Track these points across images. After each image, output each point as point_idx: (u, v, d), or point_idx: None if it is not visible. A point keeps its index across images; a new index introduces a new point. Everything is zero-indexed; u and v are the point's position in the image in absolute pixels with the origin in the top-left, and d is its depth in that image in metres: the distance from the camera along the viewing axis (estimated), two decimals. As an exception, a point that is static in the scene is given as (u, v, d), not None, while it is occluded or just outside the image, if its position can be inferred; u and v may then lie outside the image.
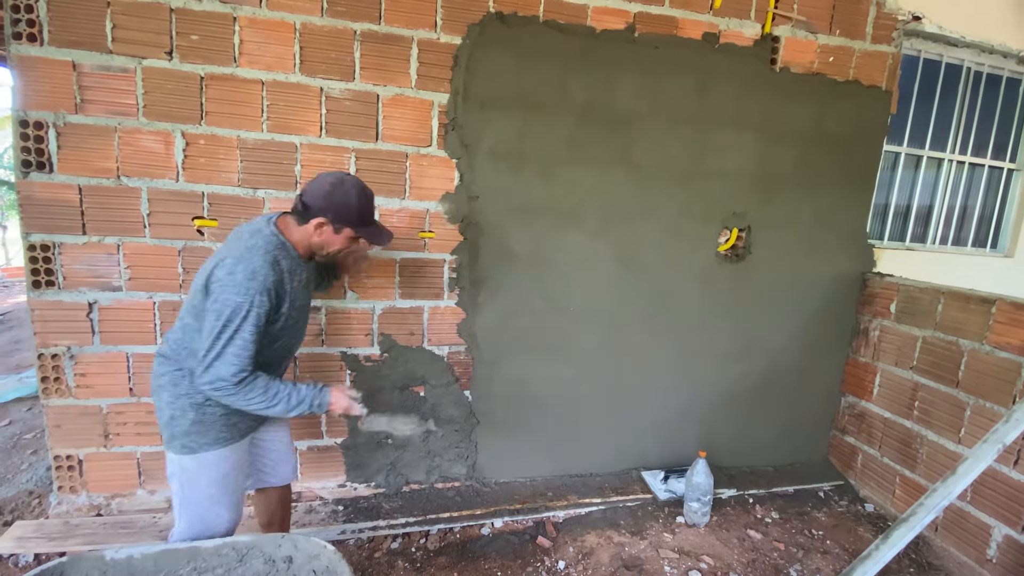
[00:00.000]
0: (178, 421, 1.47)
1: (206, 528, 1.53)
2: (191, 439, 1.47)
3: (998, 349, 2.16)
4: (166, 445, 1.51)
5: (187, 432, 1.47)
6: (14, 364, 4.27)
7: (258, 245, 1.42)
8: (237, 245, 1.44)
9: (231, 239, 1.51)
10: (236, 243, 1.45)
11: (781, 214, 2.71)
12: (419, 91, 2.24)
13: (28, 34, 1.91)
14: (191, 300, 1.47)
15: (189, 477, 1.50)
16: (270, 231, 1.48)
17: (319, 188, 1.49)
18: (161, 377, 1.50)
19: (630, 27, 2.39)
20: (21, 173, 1.97)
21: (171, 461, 1.51)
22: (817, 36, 2.62)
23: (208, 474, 1.51)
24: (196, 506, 1.52)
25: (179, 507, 1.53)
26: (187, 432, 1.47)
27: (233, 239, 1.50)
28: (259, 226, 1.49)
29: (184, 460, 1.49)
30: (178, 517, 1.55)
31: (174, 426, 1.48)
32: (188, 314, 1.48)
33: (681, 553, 2.23)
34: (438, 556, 2.13)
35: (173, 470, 1.52)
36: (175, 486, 1.53)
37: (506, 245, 2.43)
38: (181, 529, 1.54)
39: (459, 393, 2.51)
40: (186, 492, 1.51)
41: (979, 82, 3.14)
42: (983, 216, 3.40)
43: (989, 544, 2.13)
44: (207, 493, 1.52)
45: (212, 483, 1.52)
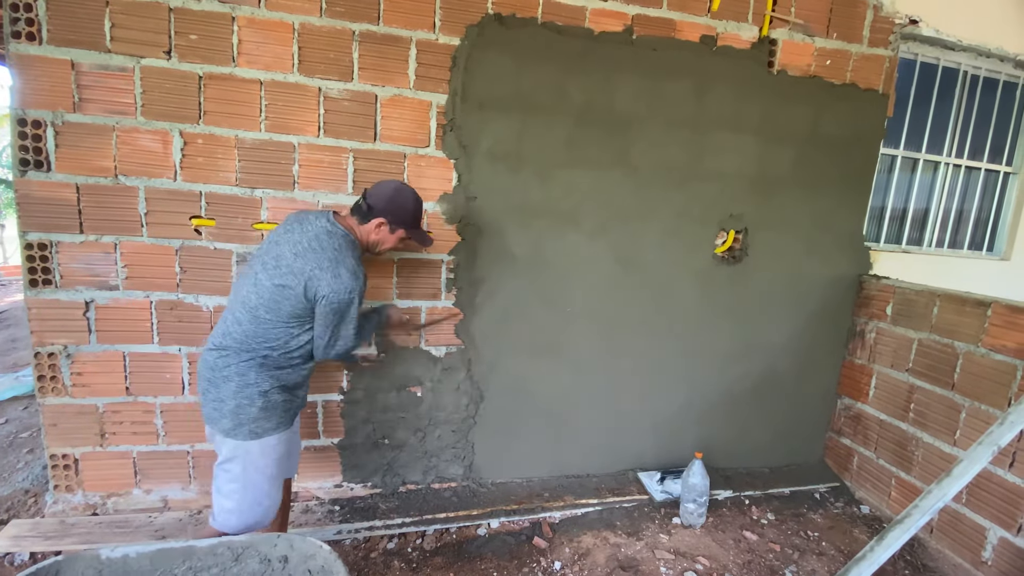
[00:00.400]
0: (246, 410, 1.57)
1: (259, 506, 1.65)
2: (258, 425, 1.59)
3: (993, 352, 2.17)
4: (228, 434, 1.59)
5: (255, 419, 1.58)
6: (11, 363, 4.26)
7: (344, 247, 1.64)
8: (323, 252, 1.60)
9: (311, 246, 1.62)
10: (319, 251, 1.60)
11: (778, 216, 2.72)
12: (417, 92, 2.24)
13: (27, 33, 1.91)
14: (265, 296, 1.59)
15: (252, 460, 1.61)
16: (343, 232, 1.68)
17: (382, 192, 1.72)
18: (225, 369, 1.58)
19: (628, 29, 2.40)
20: (19, 172, 1.97)
21: (234, 448, 1.60)
22: (814, 39, 2.63)
23: (270, 456, 1.64)
24: (255, 488, 1.63)
25: (237, 489, 1.62)
26: (255, 419, 1.58)
27: (314, 246, 1.62)
28: (330, 228, 1.66)
29: (250, 445, 1.60)
30: (230, 497, 1.62)
31: (241, 414, 1.57)
32: (262, 308, 1.59)
33: (677, 554, 2.23)
34: (434, 556, 2.13)
35: (235, 455, 1.61)
36: (236, 469, 1.61)
37: (504, 246, 2.43)
38: (231, 507, 1.62)
39: (456, 393, 2.51)
40: (248, 475, 1.62)
41: (976, 85, 3.15)
42: (979, 219, 3.41)
43: (984, 546, 2.13)
44: (267, 474, 1.65)
45: (273, 464, 1.65)
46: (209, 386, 1.60)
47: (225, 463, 1.63)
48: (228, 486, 1.63)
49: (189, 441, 2.27)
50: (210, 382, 1.60)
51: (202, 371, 1.64)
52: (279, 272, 1.59)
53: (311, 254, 1.60)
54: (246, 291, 1.63)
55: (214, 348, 1.63)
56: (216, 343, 1.63)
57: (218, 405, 1.59)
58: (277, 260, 1.61)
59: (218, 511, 1.65)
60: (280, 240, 1.67)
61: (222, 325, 1.66)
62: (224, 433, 1.60)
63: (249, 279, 1.64)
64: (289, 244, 1.63)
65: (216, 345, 1.63)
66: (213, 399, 1.60)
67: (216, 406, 1.59)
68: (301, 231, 1.66)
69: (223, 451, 1.63)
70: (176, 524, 2.17)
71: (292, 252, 1.61)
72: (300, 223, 1.69)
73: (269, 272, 1.60)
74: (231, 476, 1.62)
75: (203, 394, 1.63)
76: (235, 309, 1.64)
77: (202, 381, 1.63)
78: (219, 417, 1.59)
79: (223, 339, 1.62)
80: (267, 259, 1.63)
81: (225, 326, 1.65)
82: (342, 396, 2.38)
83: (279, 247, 1.64)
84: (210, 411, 1.61)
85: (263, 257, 1.65)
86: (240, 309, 1.62)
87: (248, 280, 1.65)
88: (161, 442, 2.25)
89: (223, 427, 1.59)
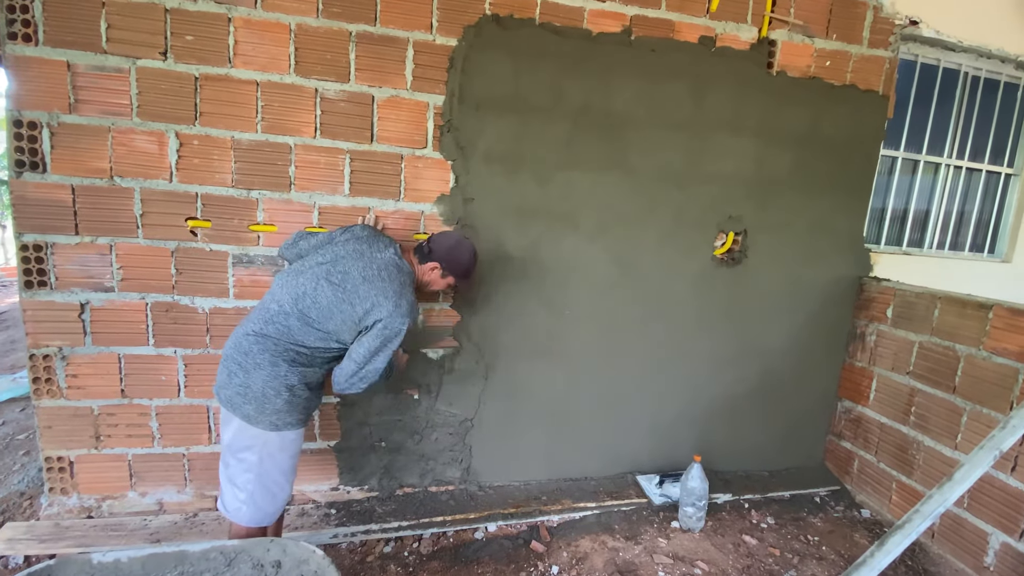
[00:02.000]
0: (271, 400, 1.61)
1: (272, 499, 1.69)
2: (279, 417, 1.62)
3: (995, 355, 2.15)
4: (249, 420, 1.61)
5: (278, 411, 1.62)
6: (9, 364, 4.26)
7: (407, 283, 1.78)
8: (390, 283, 1.71)
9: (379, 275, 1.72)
10: (387, 281, 1.71)
11: (777, 218, 2.71)
12: (415, 93, 2.23)
13: (23, 34, 1.90)
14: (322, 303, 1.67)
15: (270, 452, 1.65)
16: (407, 267, 1.83)
17: (445, 242, 1.91)
18: (260, 356, 1.63)
19: (626, 30, 2.39)
20: (14, 173, 1.97)
21: (253, 437, 1.63)
22: (814, 40, 2.62)
23: (287, 451, 1.68)
24: (270, 479, 1.67)
25: (252, 480, 1.65)
26: (278, 411, 1.62)
27: (383, 276, 1.72)
28: (398, 262, 1.80)
29: (269, 435, 1.63)
30: (244, 488, 1.65)
31: (266, 404, 1.61)
32: (315, 311, 1.67)
33: (676, 558, 2.21)
34: (431, 560, 2.11)
35: (252, 443, 1.63)
36: (252, 459, 1.64)
37: (502, 247, 2.42)
38: (244, 498, 1.65)
39: (454, 396, 2.50)
40: (264, 465, 1.65)
41: (976, 86, 3.14)
42: (980, 221, 3.39)
43: (986, 551, 2.11)
44: (283, 468, 1.69)
45: (289, 458, 1.70)
46: (238, 369, 1.62)
47: (241, 452, 1.65)
48: (242, 476, 1.65)
49: (184, 444, 2.26)
50: (240, 366, 1.63)
51: (232, 354, 1.65)
52: (344, 289, 1.69)
53: (379, 282, 1.70)
54: (302, 290, 1.69)
55: (252, 334, 1.66)
56: (255, 329, 1.66)
57: (243, 391, 1.61)
58: (344, 276, 1.70)
59: (230, 501, 1.68)
60: (348, 256, 1.76)
61: (263, 312, 1.69)
62: (245, 419, 1.62)
63: (308, 280, 1.71)
64: (358, 266, 1.72)
65: (255, 331, 1.66)
66: (240, 384, 1.61)
67: (241, 391, 1.61)
68: (371, 256, 1.76)
69: (241, 439, 1.64)
70: (171, 527, 2.16)
71: (361, 275, 1.71)
72: (370, 246, 1.80)
73: (334, 285, 1.69)
74: (246, 466, 1.64)
75: (229, 376, 1.64)
76: (283, 301, 1.69)
77: (230, 363, 1.64)
78: (242, 403, 1.61)
79: (264, 326, 1.66)
80: (333, 271, 1.72)
81: (268, 314, 1.68)
82: (339, 399, 2.37)
83: (346, 263, 1.73)
84: (232, 395, 1.62)
85: (328, 266, 1.73)
86: (290, 304, 1.68)
87: (307, 280, 1.71)
88: (156, 445, 2.24)
89: (244, 412, 1.61)
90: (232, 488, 1.67)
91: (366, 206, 2.26)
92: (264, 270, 2.20)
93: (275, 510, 1.72)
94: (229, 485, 1.67)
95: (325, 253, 1.79)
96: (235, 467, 1.66)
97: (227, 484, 1.68)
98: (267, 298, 1.75)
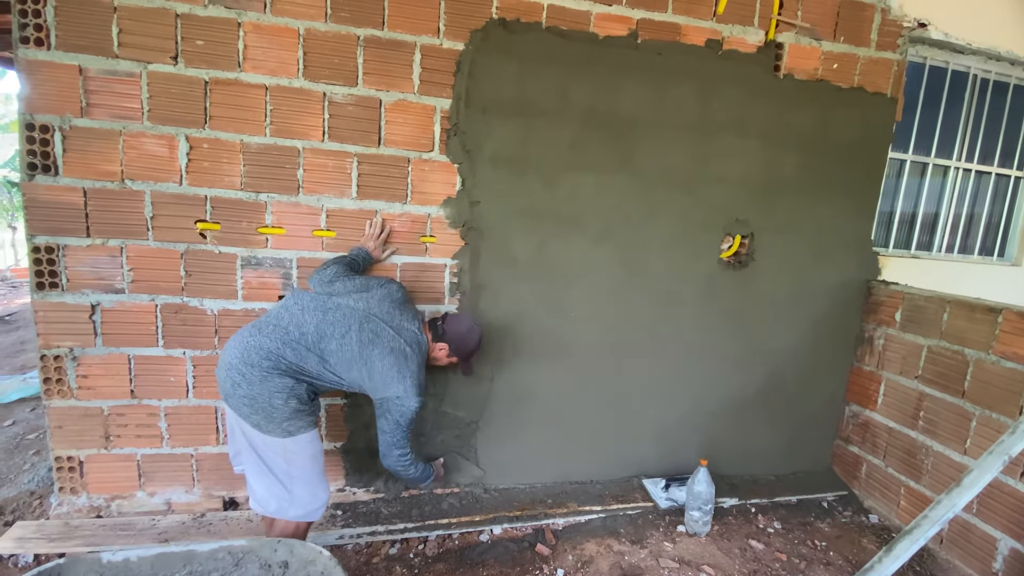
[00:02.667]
0: (279, 410, 1.66)
1: (316, 498, 1.77)
2: (289, 423, 1.68)
3: (1004, 359, 2.13)
4: (260, 429, 1.67)
5: (287, 419, 1.67)
6: (19, 365, 4.30)
7: (423, 361, 1.91)
8: (408, 364, 1.81)
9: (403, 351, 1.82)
10: (406, 360, 1.81)
11: (785, 221, 2.70)
12: (422, 96, 2.24)
13: (35, 38, 1.93)
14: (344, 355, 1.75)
15: (292, 456, 1.72)
16: (425, 343, 1.94)
17: (458, 328, 2.01)
18: (268, 372, 1.66)
19: (633, 34, 2.40)
20: (27, 175, 1.99)
21: (271, 444, 1.69)
22: (821, 43, 2.61)
23: (308, 451, 1.74)
24: (305, 480, 1.75)
25: (288, 479, 1.72)
26: (287, 419, 1.67)
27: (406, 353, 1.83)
28: (420, 339, 1.90)
29: (286, 443, 1.69)
30: (288, 487, 1.73)
31: (274, 413, 1.66)
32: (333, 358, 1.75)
33: (682, 563, 2.20)
34: (436, 562, 2.11)
35: (275, 451, 1.70)
36: (281, 465, 1.71)
37: (508, 250, 2.43)
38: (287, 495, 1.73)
39: (460, 399, 2.50)
40: (292, 468, 1.72)
41: (986, 89, 3.12)
42: (990, 224, 3.37)
43: (995, 557, 2.09)
44: (310, 468, 1.76)
45: (312, 459, 1.76)
46: (242, 380, 1.65)
47: (268, 455, 1.70)
48: (278, 477, 1.71)
49: (193, 444, 2.28)
50: (244, 377, 1.65)
51: (238, 365, 1.67)
52: (372, 352, 1.77)
53: (402, 357, 1.81)
54: (330, 331, 1.76)
55: (264, 349, 1.68)
56: (269, 347, 1.69)
57: (250, 401, 1.65)
58: (374, 338, 1.79)
59: (267, 502, 1.73)
60: (381, 316, 1.84)
61: (281, 332, 1.73)
62: (256, 427, 1.67)
63: (338, 324, 1.78)
64: (390, 333, 1.82)
65: (269, 349, 1.69)
66: (244, 395, 1.65)
67: (247, 401, 1.65)
68: (400, 326, 1.86)
69: (258, 444, 1.70)
70: (179, 527, 2.18)
71: (390, 346, 1.80)
72: (401, 313, 1.90)
73: (364, 343, 1.77)
74: (280, 469, 1.71)
75: (234, 387, 1.66)
76: (307, 332, 1.74)
77: (234, 373, 1.67)
78: (250, 412, 1.65)
79: (281, 348, 1.70)
80: (365, 327, 1.80)
81: (287, 336, 1.72)
82: (345, 400, 2.38)
83: (378, 325, 1.82)
84: (239, 404, 1.66)
85: (361, 319, 1.81)
86: (313, 339, 1.74)
87: (337, 323, 1.78)
88: (165, 445, 2.26)
89: (255, 421, 1.66)
90: (272, 487, 1.72)
91: (373, 209, 2.27)
92: (272, 272, 2.22)
93: (320, 506, 1.79)
94: (271, 484, 1.72)
95: (359, 300, 1.86)
96: (265, 468, 1.71)
97: (261, 486, 1.73)
98: (284, 316, 1.77)
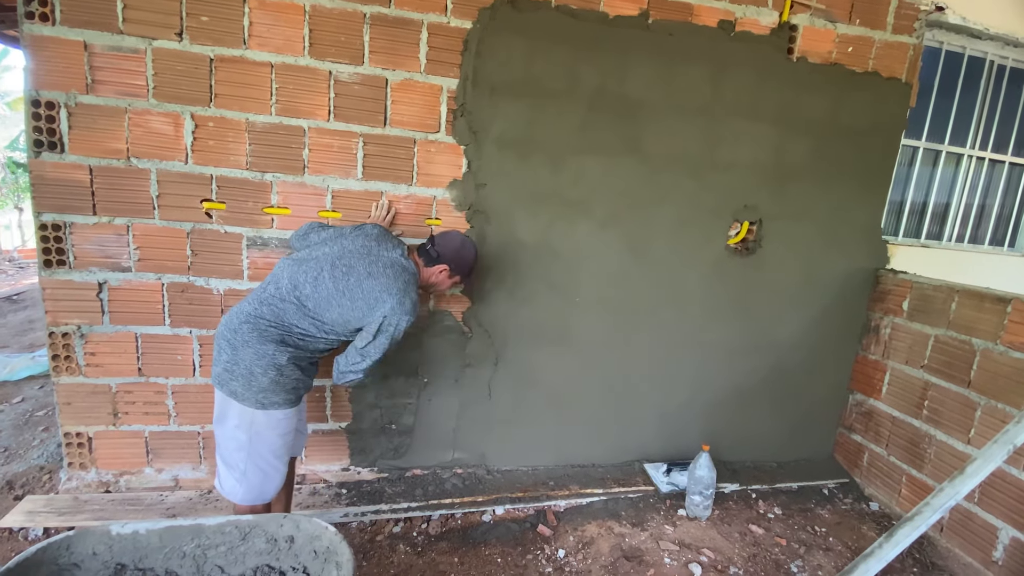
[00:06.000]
0: (258, 378, 1.62)
1: (266, 479, 1.70)
2: (265, 396, 1.63)
3: (1012, 349, 2.12)
4: (236, 397, 1.62)
5: (264, 389, 1.62)
6: (28, 343, 4.34)
7: (412, 282, 1.79)
8: (396, 281, 1.72)
9: (386, 272, 1.73)
10: (393, 278, 1.72)
11: (793, 208, 2.67)
12: (428, 76, 2.22)
13: (40, 14, 1.91)
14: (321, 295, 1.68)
15: (258, 431, 1.65)
16: (413, 268, 1.83)
17: (450, 244, 1.93)
18: (249, 335, 1.63)
19: (644, 13, 2.35)
20: (33, 152, 1.99)
21: (240, 413, 1.64)
22: (836, 25, 2.55)
23: (276, 429, 1.68)
24: (260, 458, 1.68)
25: (243, 459, 1.67)
26: (264, 389, 1.62)
27: (389, 273, 1.73)
28: (404, 263, 1.80)
29: (256, 415, 1.64)
30: (235, 467, 1.68)
31: (252, 381, 1.61)
32: (311, 302, 1.68)
33: (682, 545, 2.23)
34: (439, 541, 2.14)
35: (240, 422, 1.65)
36: (242, 438, 1.65)
37: (513, 233, 2.42)
38: (237, 476, 1.68)
39: (463, 381, 2.51)
40: (253, 444, 1.66)
41: (1003, 76, 3.05)
42: (1002, 214, 3.32)
43: (995, 546, 2.10)
44: (272, 447, 1.69)
45: (278, 437, 1.69)
46: (226, 346, 1.65)
47: (233, 429, 1.66)
48: (234, 455, 1.67)
49: (199, 422, 2.30)
50: (228, 342, 1.65)
51: (223, 332, 1.67)
52: (346, 282, 1.69)
53: (384, 278, 1.71)
54: (303, 277, 1.70)
55: (244, 313, 1.67)
56: (249, 309, 1.68)
57: (231, 367, 1.63)
58: (348, 270, 1.71)
59: (224, 480, 1.71)
60: (355, 251, 1.76)
61: (260, 294, 1.71)
62: (233, 395, 1.63)
63: (310, 269, 1.71)
64: (364, 263, 1.73)
65: (249, 313, 1.67)
66: (227, 360, 1.64)
67: (229, 367, 1.63)
68: (377, 254, 1.77)
69: (230, 415, 1.66)
70: (186, 503, 2.21)
71: (366, 271, 1.71)
72: (378, 244, 1.81)
73: (336, 278, 1.69)
74: (238, 444, 1.66)
75: (218, 353, 1.66)
76: (281, 285, 1.70)
77: (220, 340, 1.67)
78: (229, 379, 1.63)
79: (259, 307, 1.68)
80: (338, 263, 1.72)
81: (264, 295, 1.70)
82: (350, 381, 2.39)
83: (352, 258, 1.73)
84: (221, 371, 1.65)
85: (334, 258, 1.73)
86: (288, 289, 1.69)
87: (309, 269, 1.72)
88: (172, 422, 2.28)
89: (232, 389, 1.63)
90: (225, 467, 1.70)
91: (379, 190, 2.26)
92: (278, 252, 2.22)
93: (269, 489, 1.73)
94: (223, 464, 1.70)
95: (333, 245, 1.80)
96: (227, 445, 1.68)
97: (221, 463, 1.71)
98: (267, 280, 1.76)
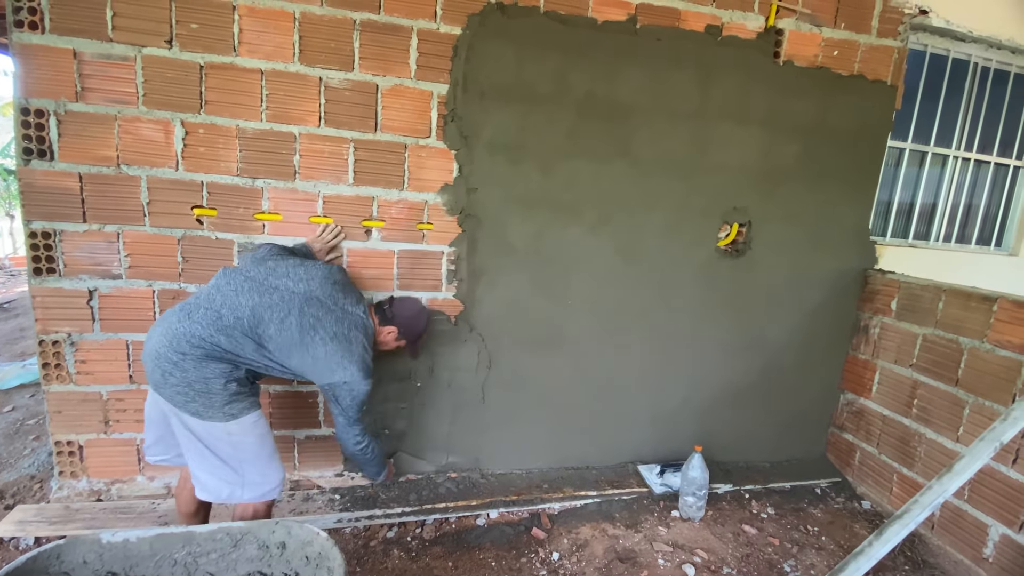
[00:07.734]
0: (218, 394, 1.61)
1: (268, 479, 1.72)
2: (230, 407, 1.63)
3: (998, 347, 2.14)
4: (203, 417, 1.60)
5: (227, 402, 1.62)
6: (18, 351, 4.31)
7: (369, 344, 1.86)
8: (353, 349, 1.76)
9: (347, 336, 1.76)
10: (352, 344, 1.76)
11: (782, 209, 2.70)
12: (418, 82, 2.23)
13: (30, 22, 1.91)
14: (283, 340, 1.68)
15: (238, 440, 1.66)
16: (372, 327, 1.90)
17: (406, 311, 2.04)
18: (200, 360, 1.59)
19: (632, 19, 2.38)
20: (22, 160, 1.98)
21: (212, 430, 1.63)
22: (822, 29, 2.59)
23: (254, 432, 1.69)
24: (254, 462, 1.69)
25: (237, 463, 1.67)
26: (227, 402, 1.62)
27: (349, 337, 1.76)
28: (365, 322, 1.86)
29: (230, 426, 1.63)
30: (238, 471, 1.67)
31: (212, 398, 1.60)
32: (272, 344, 1.68)
33: (675, 546, 2.23)
34: (433, 546, 2.14)
35: (218, 437, 1.64)
36: (226, 450, 1.65)
37: (505, 238, 2.43)
38: (239, 482, 1.68)
39: (456, 385, 2.52)
40: (239, 452, 1.67)
41: (986, 78, 3.10)
42: (988, 214, 3.37)
43: (986, 543, 2.12)
44: (258, 449, 1.70)
45: (259, 439, 1.71)
46: (174, 368, 1.57)
47: (209, 445, 1.63)
48: (221, 462, 1.65)
49: (191, 429, 2.29)
50: (175, 365, 1.57)
51: (166, 353, 1.57)
52: (313, 338, 1.70)
53: (346, 343, 1.75)
54: (268, 316, 1.67)
55: (196, 336, 1.59)
56: (201, 334, 1.60)
57: (184, 388, 1.57)
58: (315, 323, 1.71)
59: (223, 487, 1.67)
60: (322, 301, 1.76)
61: (213, 316, 1.63)
62: (196, 416, 1.59)
63: (276, 308, 1.68)
64: (332, 318, 1.75)
65: (201, 336, 1.60)
66: (178, 382, 1.57)
67: (182, 390, 1.57)
68: (343, 309, 1.80)
69: (198, 431, 1.62)
70: (178, 511, 2.20)
71: (332, 331, 1.73)
72: (344, 295, 1.83)
73: (304, 329, 1.70)
74: (225, 455, 1.65)
75: (164, 376, 1.57)
76: (242, 316, 1.64)
77: (163, 362, 1.57)
78: (186, 401, 1.58)
79: (215, 334, 1.61)
80: (306, 311, 1.71)
81: (221, 322, 1.62)
82: (343, 386, 2.39)
83: (318, 310, 1.74)
84: (173, 394, 1.58)
85: (301, 303, 1.72)
86: (249, 323, 1.65)
87: (275, 306, 1.68)
88: (164, 430, 2.27)
89: (193, 409, 1.59)
90: (222, 472, 1.65)
91: (370, 195, 2.27)
92: (269, 258, 2.22)
93: (274, 486, 1.73)
94: (215, 471, 1.65)
95: (299, 282, 1.76)
96: (211, 454, 1.64)
97: (210, 471, 1.65)
98: (217, 298, 1.66)
